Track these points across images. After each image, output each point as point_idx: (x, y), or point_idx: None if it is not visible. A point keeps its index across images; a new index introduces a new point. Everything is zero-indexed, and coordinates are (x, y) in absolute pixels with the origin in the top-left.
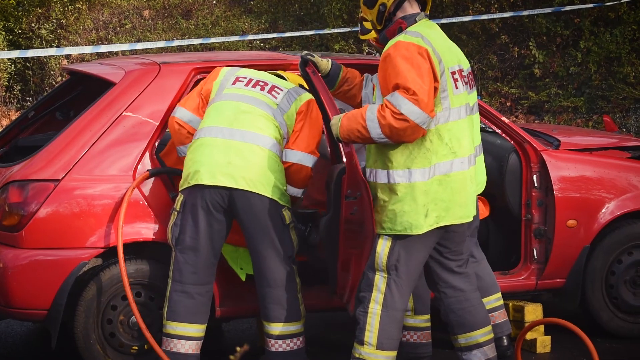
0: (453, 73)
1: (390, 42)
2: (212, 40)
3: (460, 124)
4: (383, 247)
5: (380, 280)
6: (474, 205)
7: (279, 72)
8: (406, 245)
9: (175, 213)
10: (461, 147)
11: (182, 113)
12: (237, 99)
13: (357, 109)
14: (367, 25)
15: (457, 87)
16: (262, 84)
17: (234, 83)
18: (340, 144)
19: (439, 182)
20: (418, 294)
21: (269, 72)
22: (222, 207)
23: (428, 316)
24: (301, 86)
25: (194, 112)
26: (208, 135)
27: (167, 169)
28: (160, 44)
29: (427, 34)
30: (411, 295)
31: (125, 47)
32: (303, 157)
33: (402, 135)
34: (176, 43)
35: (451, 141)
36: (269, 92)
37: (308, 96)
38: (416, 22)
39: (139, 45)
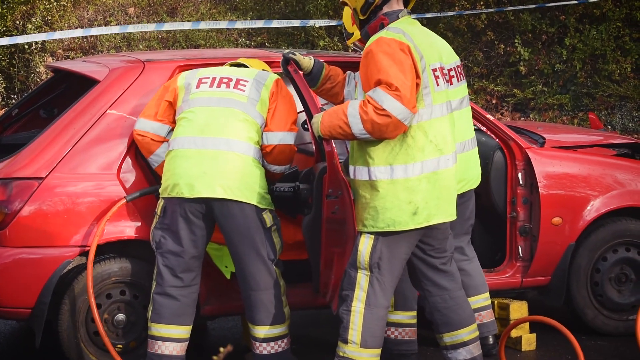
0: (434, 70)
1: (372, 38)
2: (202, 25)
3: (443, 121)
4: (365, 245)
5: (362, 278)
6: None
7: (240, 59)
8: (389, 243)
9: (157, 217)
10: (446, 144)
11: (141, 124)
12: (206, 104)
13: (338, 105)
14: (349, 28)
15: (437, 85)
16: (226, 80)
17: (198, 86)
18: (320, 143)
19: (427, 180)
20: (402, 290)
21: (229, 64)
22: (201, 213)
23: (414, 313)
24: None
25: (153, 119)
26: (181, 146)
27: (142, 191)
28: (151, 27)
29: (409, 31)
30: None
31: (115, 29)
32: (284, 136)
33: (384, 131)
34: (166, 27)
35: (436, 138)
36: (235, 87)
37: (273, 77)
38: (398, 18)
39: (130, 28)
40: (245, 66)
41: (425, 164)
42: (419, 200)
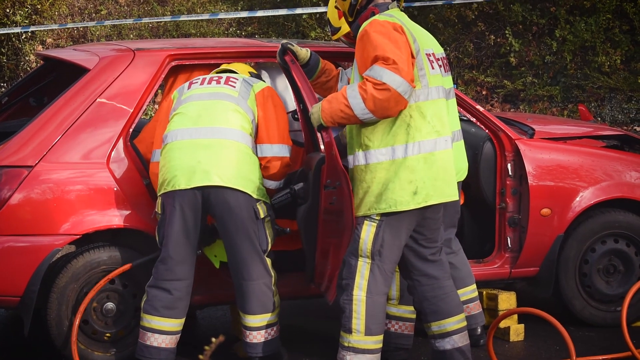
0: (428, 55)
1: (365, 23)
2: (182, 18)
3: (439, 103)
4: (368, 232)
5: (363, 267)
6: (456, 186)
7: (224, 65)
8: (390, 228)
9: (158, 216)
10: (443, 126)
11: (156, 156)
12: (197, 99)
13: (336, 92)
14: (335, 23)
15: (432, 68)
16: (216, 78)
17: (189, 87)
18: (320, 133)
19: (425, 160)
20: (406, 285)
21: (215, 71)
22: (195, 206)
23: (413, 308)
24: (252, 74)
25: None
26: (174, 139)
27: (148, 257)
28: (129, 21)
29: (400, 16)
30: (397, 284)
31: (91, 23)
32: (280, 149)
33: (386, 107)
34: (145, 20)
35: (433, 120)
36: (226, 82)
37: (263, 84)
38: (388, 9)
39: (107, 23)
40: (231, 71)
41: (422, 144)
42: (418, 180)
